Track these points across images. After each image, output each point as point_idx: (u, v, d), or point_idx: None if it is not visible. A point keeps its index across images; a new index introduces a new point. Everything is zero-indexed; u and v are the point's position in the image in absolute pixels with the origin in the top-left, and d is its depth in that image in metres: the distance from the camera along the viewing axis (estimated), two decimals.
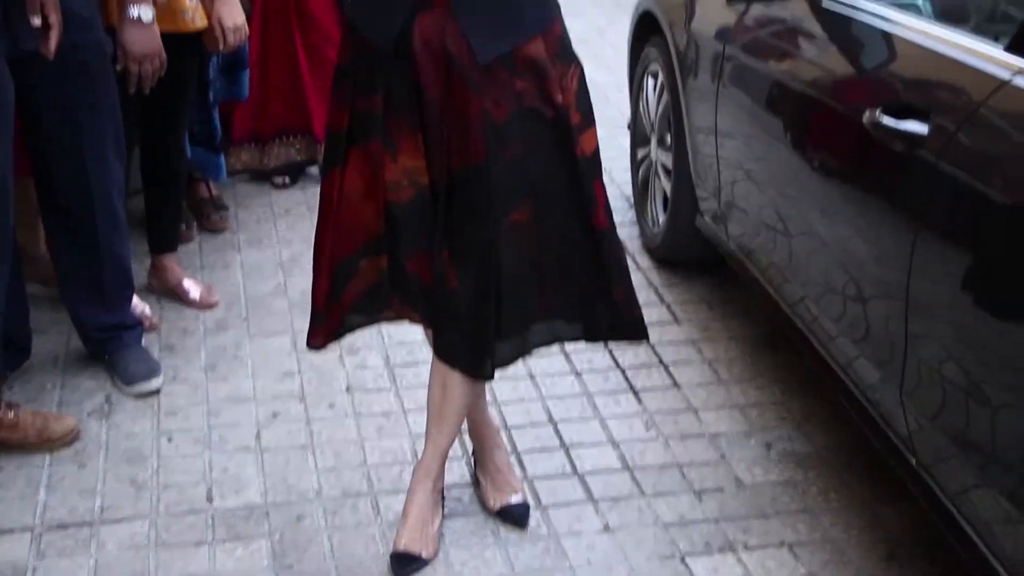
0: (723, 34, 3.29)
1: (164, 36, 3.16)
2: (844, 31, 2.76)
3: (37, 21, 2.58)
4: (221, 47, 3.37)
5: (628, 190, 4.31)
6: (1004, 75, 2.09)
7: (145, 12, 2.93)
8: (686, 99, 3.55)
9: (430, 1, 2.20)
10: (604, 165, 2.41)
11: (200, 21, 3.28)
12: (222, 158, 4.06)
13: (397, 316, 2.52)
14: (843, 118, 2.58)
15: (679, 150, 3.63)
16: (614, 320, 2.44)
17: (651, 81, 3.95)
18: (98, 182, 2.98)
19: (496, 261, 2.29)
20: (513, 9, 2.24)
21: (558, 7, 2.34)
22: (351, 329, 2.53)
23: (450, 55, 2.22)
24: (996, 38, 2.26)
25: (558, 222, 2.34)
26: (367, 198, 2.38)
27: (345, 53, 2.36)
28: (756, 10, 3.15)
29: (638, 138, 4.12)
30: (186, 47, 3.33)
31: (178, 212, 3.71)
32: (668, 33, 3.72)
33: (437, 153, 2.30)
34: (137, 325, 3.28)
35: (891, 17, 2.56)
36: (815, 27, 2.87)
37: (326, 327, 2.49)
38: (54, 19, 2.60)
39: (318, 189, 4.20)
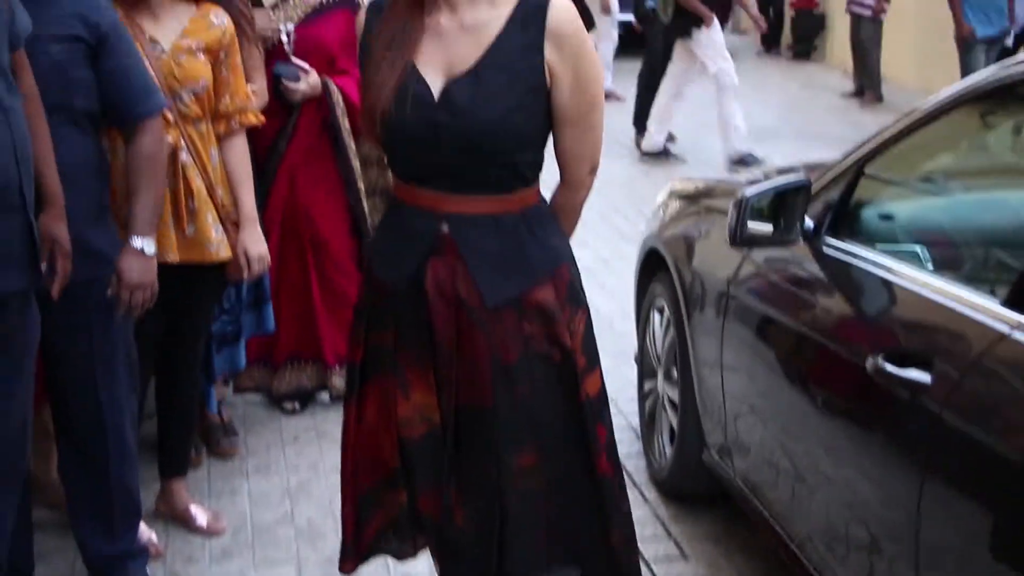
0: (727, 273, 3.39)
1: (186, 266, 3.27)
2: (845, 276, 2.85)
3: (45, 267, 2.65)
4: (245, 276, 3.47)
5: (635, 420, 4.34)
6: (1003, 329, 2.16)
7: (149, 245, 2.96)
8: (692, 334, 3.63)
9: (442, 246, 2.30)
10: (610, 395, 2.46)
11: (224, 252, 3.39)
12: (212, 389, 4.10)
13: (417, 551, 2.55)
14: (846, 362, 2.64)
15: (685, 384, 3.69)
16: (611, 565, 2.45)
17: (657, 316, 4.04)
18: (111, 414, 3.03)
19: (501, 504, 2.33)
20: (521, 255, 2.32)
21: (569, 252, 2.44)
22: (379, 553, 2.57)
23: (460, 297, 2.30)
24: (992, 291, 2.34)
25: (562, 466, 2.38)
26: (383, 432, 2.44)
27: (362, 294, 2.47)
28: (759, 252, 3.26)
29: (645, 371, 4.18)
30: (206, 277, 3.43)
31: (189, 437, 3.74)
32: (673, 270, 3.83)
33: (446, 390, 2.35)
34: (142, 553, 3.27)
35: (890, 266, 2.65)
36: (816, 270, 2.97)
37: (355, 554, 2.53)
38: (60, 265, 2.67)
39: (328, 415, 4.31)
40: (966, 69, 7.94)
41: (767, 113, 9.50)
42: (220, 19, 3.36)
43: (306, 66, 3.95)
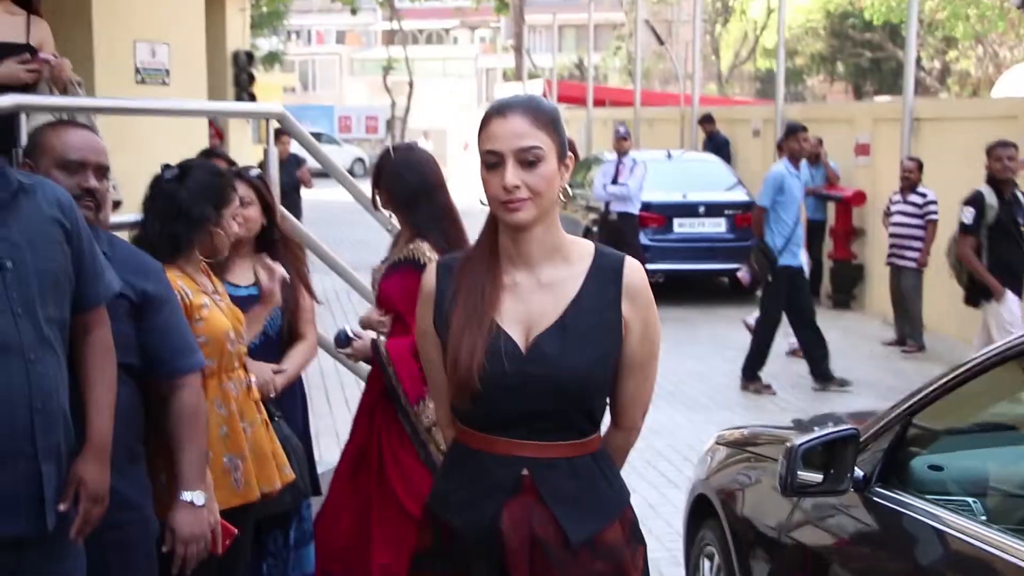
0: (777, 521, 3.40)
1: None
2: (897, 527, 2.86)
3: (64, 507, 2.60)
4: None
5: None
6: None
7: (198, 497, 2.97)
8: None
9: (520, 489, 2.39)
10: None
11: (290, 473, 3.50)
12: None
13: None
14: None
15: None
16: None
17: (707, 562, 4.02)
18: None
19: None
20: (596, 496, 2.43)
21: (628, 493, 2.53)
22: None
23: (537, 538, 2.37)
24: None
25: None
26: None
27: (424, 539, 2.52)
28: (808, 500, 3.28)
29: None
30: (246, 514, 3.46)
31: None
32: (723, 516, 3.84)
33: None
34: None
35: (943, 517, 2.67)
36: (868, 520, 2.98)
37: None
38: (82, 507, 2.62)
39: None
40: None
41: None
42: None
43: (352, 331, 4.04)
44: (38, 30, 4.32)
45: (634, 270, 2.46)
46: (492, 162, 2.35)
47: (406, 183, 4.02)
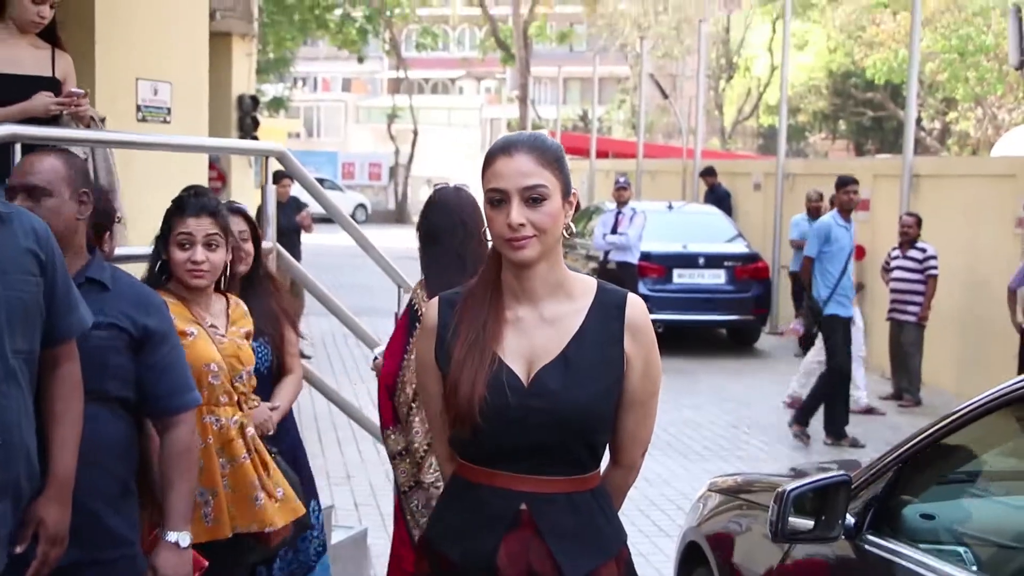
0: (768, 569, 3.36)
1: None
2: (887, 575, 2.83)
3: (20, 549, 2.56)
4: None
5: None
6: None
7: (184, 538, 2.93)
8: None
9: (518, 523, 2.38)
10: None
11: (301, 509, 3.48)
12: None
13: None
14: None
15: None
16: None
17: None
18: None
19: None
20: (594, 532, 2.42)
21: (626, 533, 2.52)
22: None
23: (533, 573, 2.37)
24: None
25: None
26: None
27: (421, 569, 2.51)
28: (800, 548, 3.24)
29: None
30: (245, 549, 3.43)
31: None
32: (714, 564, 3.80)
33: None
34: None
35: (934, 565, 2.65)
36: (859, 568, 2.95)
37: None
38: (40, 549, 2.57)
39: None
40: None
41: None
42: (246, 306, 3.61)
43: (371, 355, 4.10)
44: (63, 64, 4.38)
45: (636, 307, 2.47)
46: (497, 199, 2.37)
47: (425, 224, 4.00)
